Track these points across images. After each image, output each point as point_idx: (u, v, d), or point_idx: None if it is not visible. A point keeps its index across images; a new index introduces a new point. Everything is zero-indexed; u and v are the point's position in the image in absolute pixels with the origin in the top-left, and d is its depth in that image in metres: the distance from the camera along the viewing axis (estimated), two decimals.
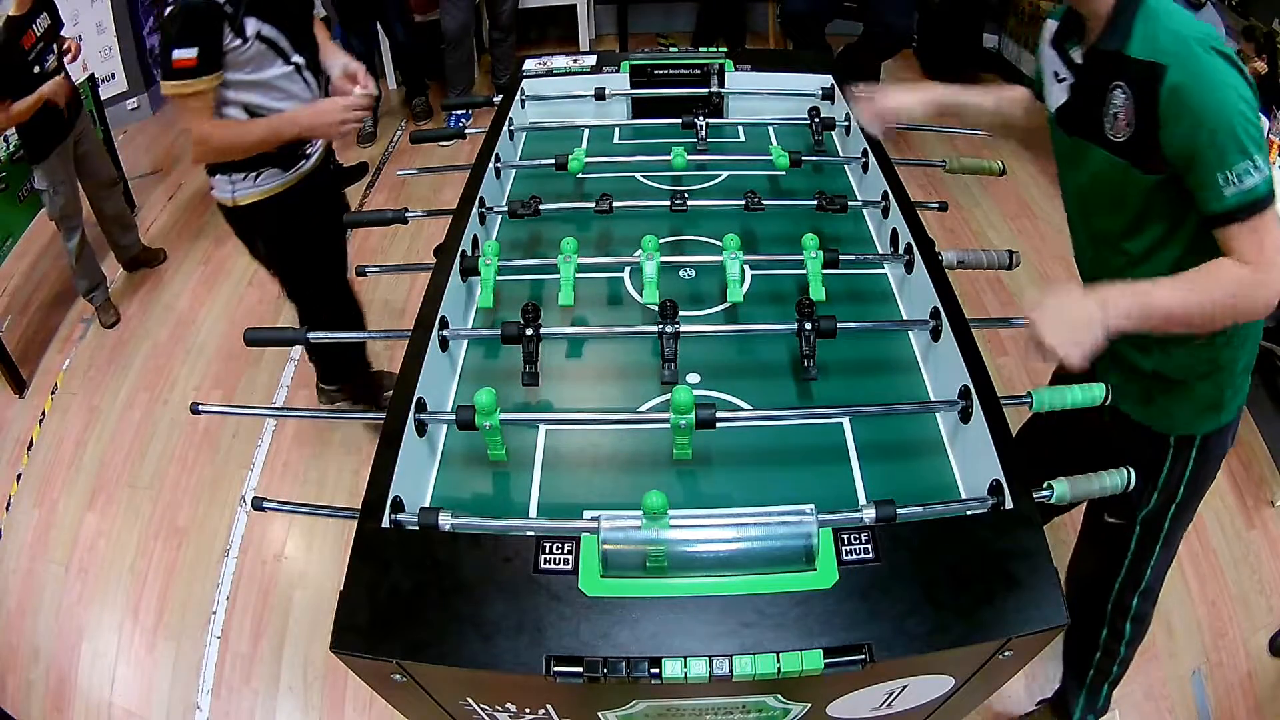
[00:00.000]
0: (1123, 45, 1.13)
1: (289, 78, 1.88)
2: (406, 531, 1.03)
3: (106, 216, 3.27)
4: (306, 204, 2.06)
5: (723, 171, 1.90)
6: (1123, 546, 1.50)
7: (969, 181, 3.75)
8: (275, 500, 1.14)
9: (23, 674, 2.11)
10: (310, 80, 1.94)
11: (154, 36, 4.68)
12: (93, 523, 2.46)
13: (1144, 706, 1.93)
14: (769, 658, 0.87)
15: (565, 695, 0.95)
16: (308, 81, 1.93)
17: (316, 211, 2.10)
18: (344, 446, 2.61)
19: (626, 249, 1.59)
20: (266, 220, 2.03)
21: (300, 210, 2.05)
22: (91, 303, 3.18)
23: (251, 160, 1.92)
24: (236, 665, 2.09)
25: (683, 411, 1.11)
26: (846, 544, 0.95)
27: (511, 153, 1.96)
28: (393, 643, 0.90)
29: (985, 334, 2.77)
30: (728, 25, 4.76)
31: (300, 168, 2.03)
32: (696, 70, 2.12)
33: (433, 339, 1.28)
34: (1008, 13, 4.78)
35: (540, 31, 5.14)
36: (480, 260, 1.46)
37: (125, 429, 2.75)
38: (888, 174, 1.64)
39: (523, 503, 1.17)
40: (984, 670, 0.99)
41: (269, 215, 2.02)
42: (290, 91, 1.89)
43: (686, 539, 0.96)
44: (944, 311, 1.28)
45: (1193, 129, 1.06)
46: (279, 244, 2.12)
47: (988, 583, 0.94)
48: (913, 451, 1.23)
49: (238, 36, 1.72)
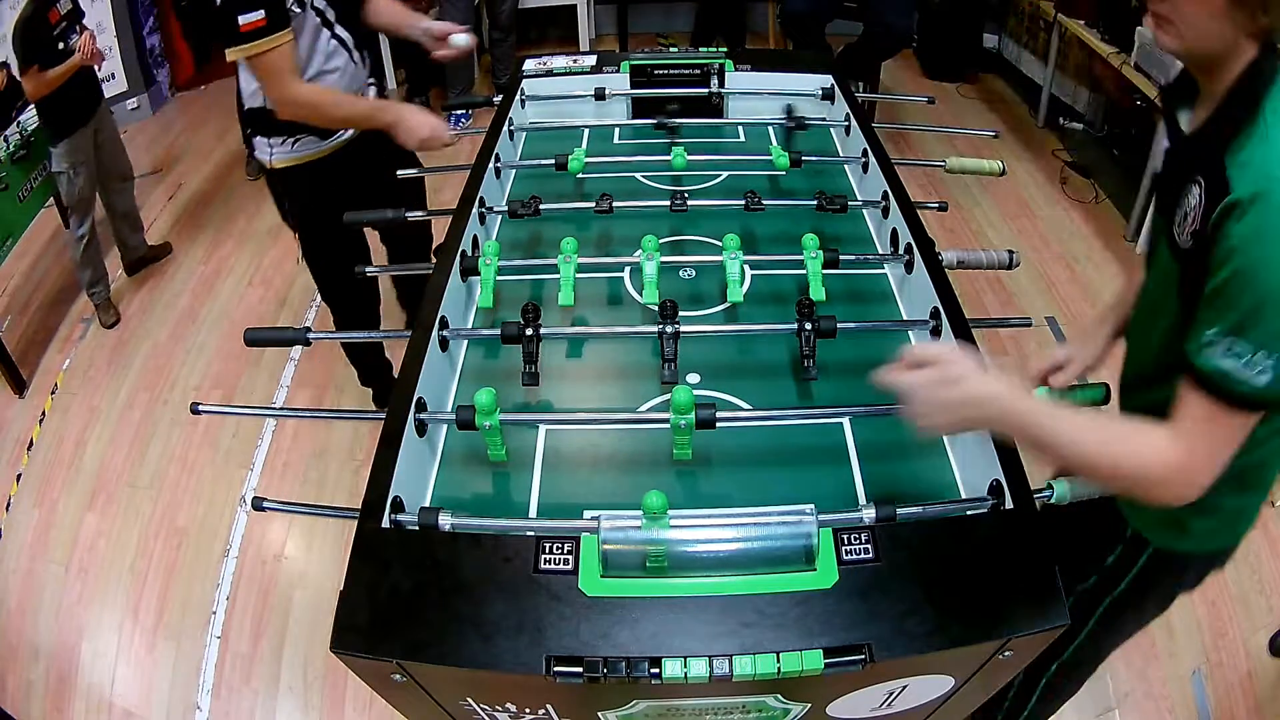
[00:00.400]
0: (1225, 145, 0.88)
1: (332, 49, 1.94)
2: (406, 531, 1.03)
3: (117, 213, 3.28)
4: (340, 174, 2.08)
5: (723, 171, 1.90)
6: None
7: (969, 181, 3.75)
8: (275, 500, 1.14)
9: (23, 674, 2.11)
10: (356, 56, 2.01)
11: (154, 36, 4.69)
12: (93, 523, 2.46)
13: (1144, 706, 1.93)
14: (769, 658, 0.87)
15: (565, 695, 0.95)
16: (350, 52, 1.99)
17: (350, 182, 2.10)
18: (344, 446, 2.61)
19: (626, 249, 1.59)
20: (298, 185, 2.09)
21: (332, 179, 2.08)
22: (93, 299, 3.18)
23: (292, 125, 1.96)
24: (236, 665, 2.09)
25: (682, 411, 1.11)
26: (846, 544, 0.95)
27: (511, 153, 1.96)
28: (393, 643, 0.90)
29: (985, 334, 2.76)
30: (727, 25, 4.76)
31: (339, 136, 2.06)
32: (696, 70, 2.12)
33: (433, 339, 1.28)
34: (1008, 13, 4.78)
35: (540, 31, 5.14)
36: (480, 260, 1.46)
37: (125, 429, 2.75)
38: (888, 174, 1.64)
39: (523, 503, 1.17)
40: (984, 670, 0.99)
41: (300, 181, 2.08)
42: (333, 64, 1.95)
43: (686, 539, 0.96)
44: (944, 311, 1.28)
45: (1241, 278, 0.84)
46: (306, 210, 2.15)
47: (988, 583, 0.94)
48: (913, 451, 1.23)
49: (299, 4, 1.79)
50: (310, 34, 1.87)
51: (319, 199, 2.09)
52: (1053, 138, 4.26)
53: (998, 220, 3.62)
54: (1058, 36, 4.10)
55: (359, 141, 2.10)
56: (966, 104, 4.61)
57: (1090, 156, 4.05)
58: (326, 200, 2.08)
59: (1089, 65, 4.13)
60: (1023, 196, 3.79)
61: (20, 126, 3.00)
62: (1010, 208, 3.70)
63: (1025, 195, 3.80)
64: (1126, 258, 3.39)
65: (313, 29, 1.87)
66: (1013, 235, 3.52)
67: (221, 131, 4.29)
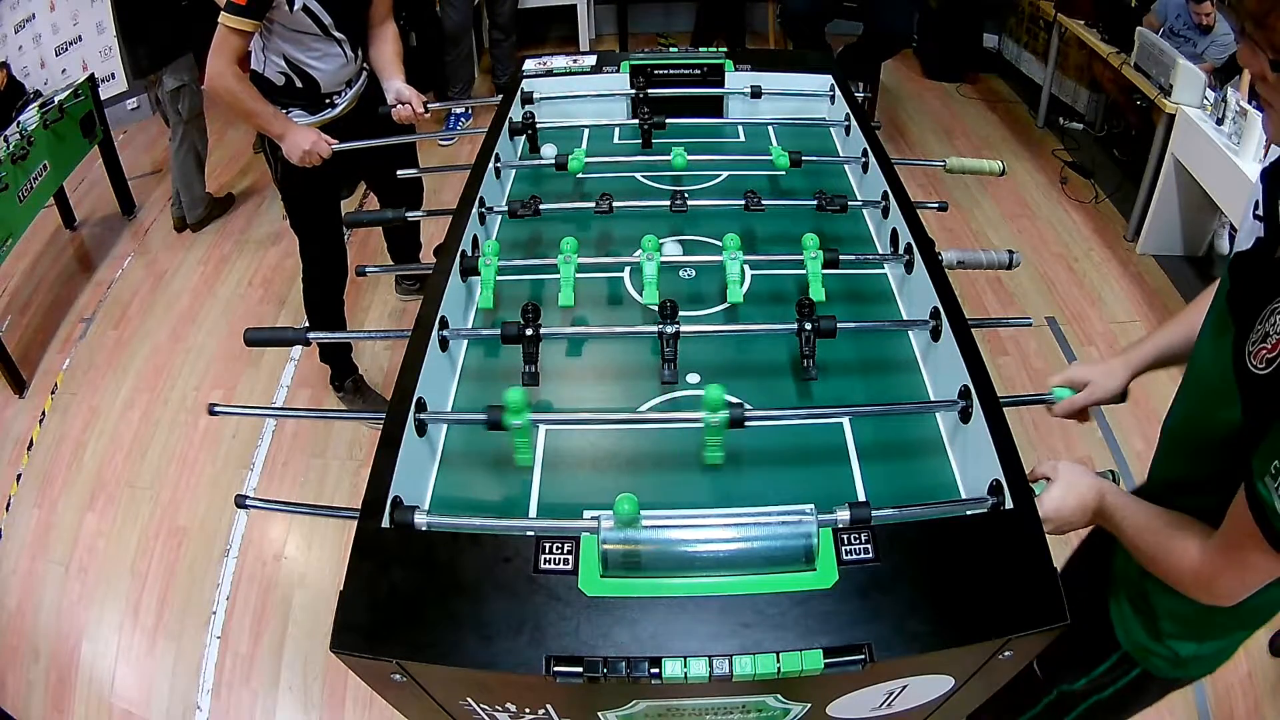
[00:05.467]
0: None
1: (327, 44, 2.12)
2: (406, 531, 1.03)
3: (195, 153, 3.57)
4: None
5: (723, 171, 1.90)
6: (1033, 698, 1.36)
7: (969, 181, 3.76)
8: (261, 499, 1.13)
9: (23, 674, 2.11)
10: (349, 53, 2.19)
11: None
12: (93, 523, 2.46)
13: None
14: (769, 658, 0.87)
15: (565, 695, 0.95)
16: (345, 53, 2.18)
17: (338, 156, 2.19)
18: (344, 446, 2.61)
19: (626, 249, 1.59)
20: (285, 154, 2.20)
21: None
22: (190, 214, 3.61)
23: (283, 97, 2.16)
24: (236, 665, 2.09)
25: (715, 409, 1.09)
26: (846, 544, 0.95)
27: (511, 153, 1.96)
28: (393, 643, 0.90)
29: (985, 334, 2.77)
30: (727, 25, 4.76)
31: (325, 114, 2.25)
32: (696, 70, 2.11)
33: (433, 339, 1.28)
34: (1008, 13, 4.79)
35: (540, 32, 5.14)
36: (480, 260, 1.46)
37: (125, 429, 2.75)
38: (888, 174, 1.64)
39: (523, 503, 1.17)
40: (984, 670, 0.99)
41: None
42: (327, 53, 2.14)
43: (686, 539, 0.96)
44: (944, 311, 1.28)
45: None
46: (290, 177, 2.25)
47: (988, 583, 0.94)
48: (913, 451, 1.23)
49: (286, 3, 1.97)
50: (302, 28, 2.04)
51: (304, 171, 2.19)
52: (1053, 138, 4.27)
53: (998, 220, 3.62)
54: (1058, 36, 4.10)
55: (349, 119, 2.28)
56: (966, 104, 4.61)
57: (1090, 156, 4.06)
58: (311, 172, 2.20)
59: (1089, 65, 4.13)
60: (1023, 196, 3.79)
61: (20, 126, 3.01)
62: (1010, 208, 3.70)
63: (1025, 195, 3.80)
64: (1126, 258, 3.39)
65: (304, 24, 2.03)
66: (1013, 235, 3.52)
67: (221, 132, 4.29)
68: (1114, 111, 4.14)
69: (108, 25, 4.20)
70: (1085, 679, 1.27)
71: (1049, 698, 1.34)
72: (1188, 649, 1.14)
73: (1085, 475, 1.07)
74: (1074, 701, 1.31)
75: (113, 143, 3.70)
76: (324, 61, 2.15)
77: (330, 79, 2.21)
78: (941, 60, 4.80)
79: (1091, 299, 3.18)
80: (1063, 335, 3.00)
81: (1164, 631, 1.13)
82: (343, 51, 2.17)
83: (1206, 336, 0.99)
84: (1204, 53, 3.37)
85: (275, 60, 2.12)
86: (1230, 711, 1.93)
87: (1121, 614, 1.19)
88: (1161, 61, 3.18)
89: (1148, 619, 1.15)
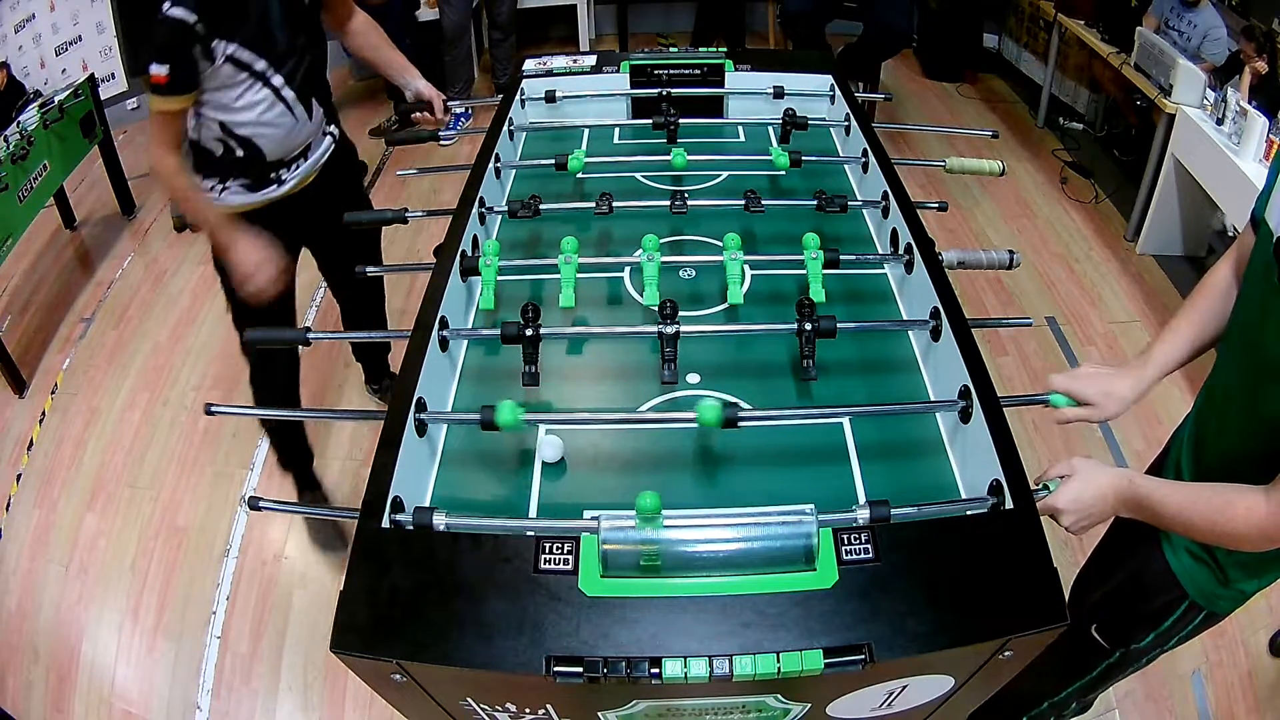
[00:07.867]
0: None
1: (265, 102, 1.74)
2: (406, 531, 1.03)
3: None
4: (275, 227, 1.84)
5: (723, 171, 1.90)
6: (1089, 665, 1.41)
7: (969, 181, 3.76)
8: (272, 500, 1.14)
9: (23, 674, 2.11)
10: (293, 105, 1.78)
11: None
12: (93, 523, 2.46)
13: (1144, 706, 1.93)
14: (769, 658, 0.87)
15: (565, 695, 0.95)
16: (289, 106, 1.77)
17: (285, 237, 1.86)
18: (344, 446, 2.61)
19: (626, 249, 1.59)
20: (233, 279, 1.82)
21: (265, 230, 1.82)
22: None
23: (220, 169, 1.79)
24: (236, 665, 2.09)
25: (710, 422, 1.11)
26: (846, 544, 0.95)
27: (511, 153, 1.96)
28: (393, 643, 0.90)
29: (985, 334, 2.77)
30: (727, 25, 4.76)
31: (270, 193, 1.85)
32: (696, 70, 2.11)
33: (433, 339, 1.28)
34: (1008, 13, 4.79)
35: (540, 32, 5.14)
36: (480, 260, 1.46)
37: (125, 429, 2.75)
38: (888, 174, 1.64)
39: (523, 503, 1.17)
40: (984, 670, 0.99)
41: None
42: (265, 118, 1.75)
43: (686, 539, 0.96)
44: (944, 311, 1.28)
45: None
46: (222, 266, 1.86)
47: (988, 583, 0.94)
48: (913, 451, 1.23)
49: (206, 59, 1.62)
50: (231, 82, 1.68)
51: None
52: (1053, 138, 4.27)
53: (998, 220, 3.62)
54: (1058, 36, 4.10)
55: (306, 196, 1.92)
56: (966, 104, 4.61)
57: (1090, 156, 4.06)
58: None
59: (1089, 65, 4.13)
60: (1023, 196, 3.79)
61: (20, 126, 3.00)
62: (1010, 208, 3.70)
63: (1025, 195, 3.80)
64: (1126, 258, 3.39)
65: (234, 80, 1.68)
66: (1013, 235, 3.52)
67: None
68: (1114, 111, 4.14)
69: (108, 25, 4.20)
70: (1153, 633, 1.33)
71: (1111, 659, 1.39)
72: (1251, 586, 1.23)
73: (1102, 467, 1.10)
74: (1138, 658, 1.38)
75: (113, 143, 3.69)
76: (266, 125, 1.76)
77: (277, 145, 1.80)
78: (941, 60, 4.80)
79: (1091, 299, 3.19)
80: (1063, 335, 3.00)
81: (1230, 577, 1.21)
82: (288, 110, 1.77)
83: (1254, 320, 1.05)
84: (1199, 48, 3.37)
85: (210, 124, 1.74)
86: (1230, 711, 1.93)
87: (1184, 566, 1.24)
88: (1161, 61, 3.19)
89: (1212, 568, 1.21)
